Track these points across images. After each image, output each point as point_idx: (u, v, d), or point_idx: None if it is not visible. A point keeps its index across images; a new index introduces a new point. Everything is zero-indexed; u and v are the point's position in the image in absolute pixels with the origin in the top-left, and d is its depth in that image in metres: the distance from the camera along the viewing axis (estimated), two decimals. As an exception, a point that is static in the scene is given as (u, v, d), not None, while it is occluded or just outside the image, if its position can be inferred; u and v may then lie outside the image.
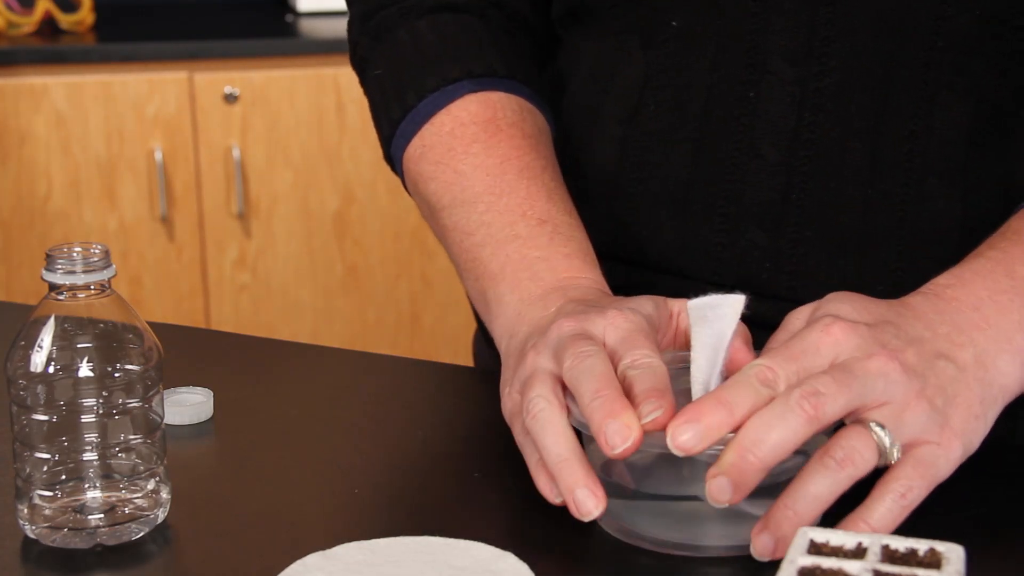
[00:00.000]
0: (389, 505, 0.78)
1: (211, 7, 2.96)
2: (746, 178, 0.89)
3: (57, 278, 0.71)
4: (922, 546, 0.63)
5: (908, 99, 0.87)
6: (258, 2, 3.00)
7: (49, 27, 2.68)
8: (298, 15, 2.81)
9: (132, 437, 0.73)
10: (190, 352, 1.00)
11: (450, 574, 0.67)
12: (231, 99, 2.53)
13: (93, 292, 0.72)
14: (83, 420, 0.72)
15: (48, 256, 0.71)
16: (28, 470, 0.73)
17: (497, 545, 0.70)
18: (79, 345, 0.71)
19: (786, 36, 0.87)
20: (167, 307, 2.59)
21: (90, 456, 0.73)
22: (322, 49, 2.55)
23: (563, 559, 0.71)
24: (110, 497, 0.73)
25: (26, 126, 2.49)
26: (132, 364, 0.72)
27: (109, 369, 0.72)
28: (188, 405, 0.88)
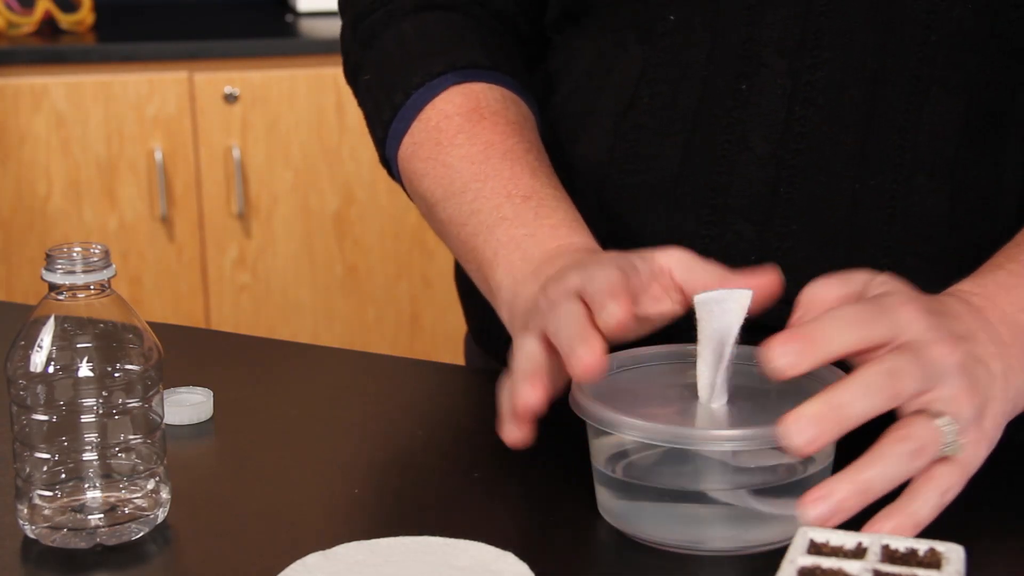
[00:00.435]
0: (389, 505, 0.78)
1: (211, 7, 2.96)
2: (735, 171, 0.89)
3: (57, 278, 0.71)
4: (922, 546, 0.63)
5: (900, 94, 0.87)
6: (258, 2, 3.00)
7: (49, 27, 2.68)
8: (298, 15, 2.81)
9: (132, 437, 0.73)
10: (190, 352, 1.00)
11: (450, 574, 0.67)
12: (231, 99, 2.53)
13: (93, 292, 0.72)
14: (83, 420, 0.72)
15: (48, 256, 0.71)
16: (28, 470, 0.73)
17: (497, 545, 0.70)
18: (79, 345, 0.71)
19: (779, 28, 0.88)
20: (167, 307, 2.59)
21: (90, 456, 0.73)
22: (322, 49, 2.55)
23: (563, 559, 0.71)
24: (110, 497, 0.73)
25: (26, 126, 2.49)
26: (132, 364, 0.72)
27: (109, 369, 0.72)
28: (188, 405, 0.88)
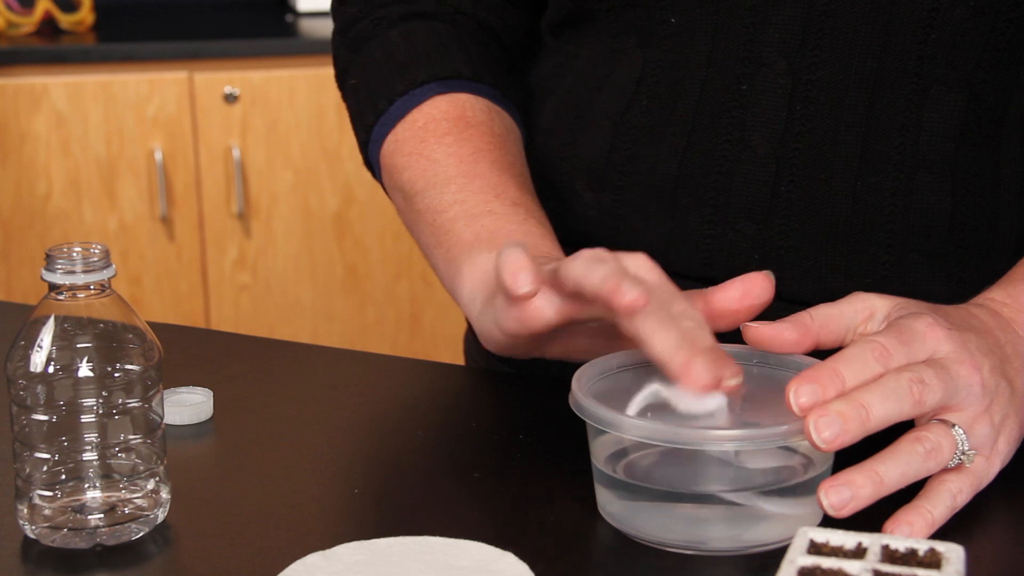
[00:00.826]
0: (389, 505, 0.78)
1: (211, 7, 2.96)
2: (736, 170, 0.90)
3: (57, 278, 0.71)
4: (922, 546, 0.63)
5: (900, 92, 0.87)
6: (258, 2, 3.00)
7: (49, 27, 2.68)
8: (298, 15, 2.81)
9: (132, 437, 0.73)
10: (190, 352, 1.00)
11: (450, 574, 0.67)
12: (231, 99, 2.53)
13: (93, 292, 0.72)
14: (83, 420, 0.72)
15: (48, 256, 0.71)
16: (28, 470, 0.73)
17: (497, 545, 0.70)
18: (79, 345, 0.71)
19: (781, 28, 0.88)
20: (167, 307, 2.59)
21: (90, 456, 0.73)
22: (322, 49, 2.55)
23: (563, 559, 0.71)
24: (110, 497, 0.73)
25: (26, 126, 2.49)
26: (132, 364, 0.72)
27: (109, 369, 0.72)
28: (188, 405, 0.88)
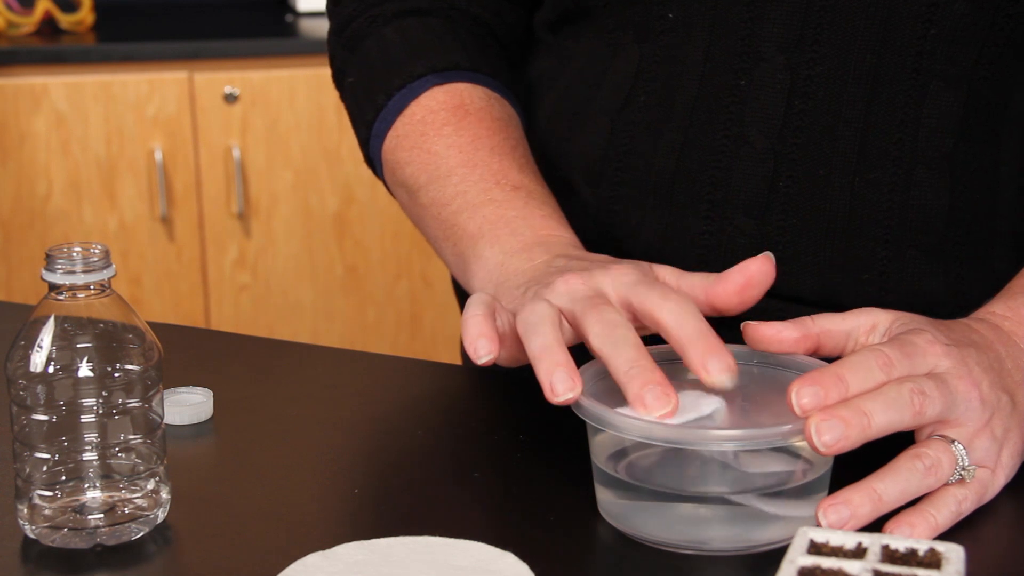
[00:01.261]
0: (389, 505, 0.78)
1: (211, 7, 2.96)
2: (733, 165, 0.90)
3: (57, 278, 0.71)
4: (922, 546, 0.63)
5: (899, 88, 0.87)
6: (258, 2, 3.00)
7: (49, 27, 2.68)
8: (298, 15, 2.81)
9: (132, 437, 0.73)
10: (190, 352, 1.00)
11: (450, 574, 0.67)
12: (231, 99, 2.53)
13: (93, 292, 0.72)
14: (83, 420, 0.72)
15: (48, 256, 0.71)
16: (28, 470, 0.73)
17: (497, 545, 0.70)
18: (79, 345, 0.71)
19: (780, 24, 0.88)
20: (167, 307, 2.59)
21: (90, 456, 0.73)
22: (322, 49, 2.54)
23: (563, 559, 0.71)
24: (110, 497, 0.73)
25: (26, 126, 2.49)
26: (132, 364, 0.72)
27: (109, 369, 0.72)
28: (188, 405, 0.88)
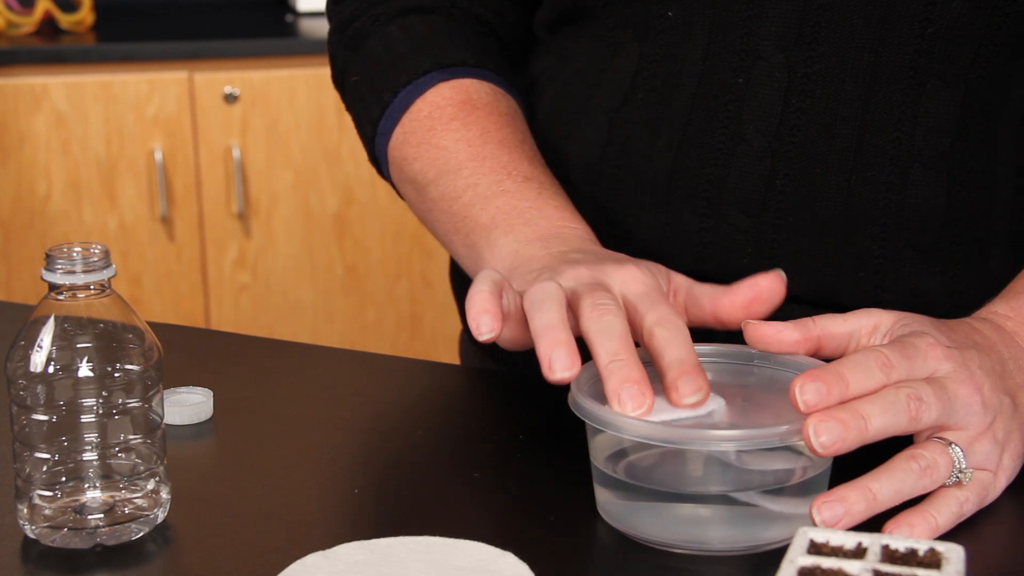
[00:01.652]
0: (389, 505, 0.78)
1: (211, 7, 2.96)
2: (730, 163, 0.90)
3: (57, 278, 0.71)
4: (922, 546, 0.63)
5: (896, 86, 0.87)
6: (258, 2, 3.00)
7: (49, 27, 2.68)
8: (298, 15, 2.81)
9: (132, 437, 0.73)
10: (190, 352, 1.00)
11: (450, 574, 0.67)
12: (231, 99, 2.53)
13: (93, 292, 0.72)
14: (83, 420, 0.72)
15: (48, 256, 0.71)
16: (28, 470, 0.73)
17: (497, 545, 0.70)
18: (79, 345, 0.71)
19: (778, 22, 0.88)
20: (167, 307, 2.59)
21: (90, 456, 0.73)
22: (322, 49, 2.54)
23: (563, 559, 0.71)
24: (110, 497, 0.73)
25: (26, 126, 2.49)
26: (132, 364, 0.72)
27: (109, 369, 0.72)
28: (188, 405, 0.88)
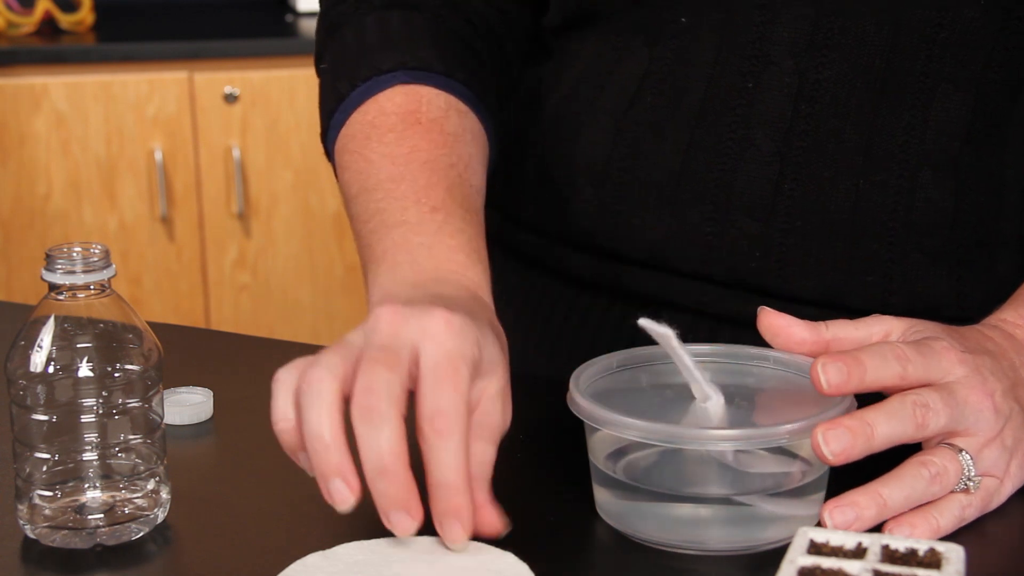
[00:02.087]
0: (389, 505, 0.78)
1: (211, 7, 2.96)
2: (739, 167, 0.89)
3: (57, 278, 0.71)
4: (922, 546, 0.63)
5: (907, 91, 0.87)
6: (258, 2, 3.00)
7: (49, 27, 2.68)
8: (298, 15, 2.81)
9: (132, 437, 0.73)
10: (190, 352, 1.00)
11: (450, 574, 0.67)
12: (231, 99, 2.53)
13: (93, 292, 0.72)
14: (83, 420, 0.72)
15: (48, 256, 0.71)
16: (28, 470, 0.73)
17: (497, 545, 0.70)
18: (79, 345, 0.71)
19: (790, 28, 0.88)
20: (167, 307, 2.59)
21: (90, 456, 0.73)
22: (322, 49, 2.55)
23: (563, 559, 0.71)
24: (110, 497, 0.73)
25: (26, 126, 2.49)
26: (132, 364, 0.72)
27: (109, 369, 0.72)
28: (188, 405, 0.88)
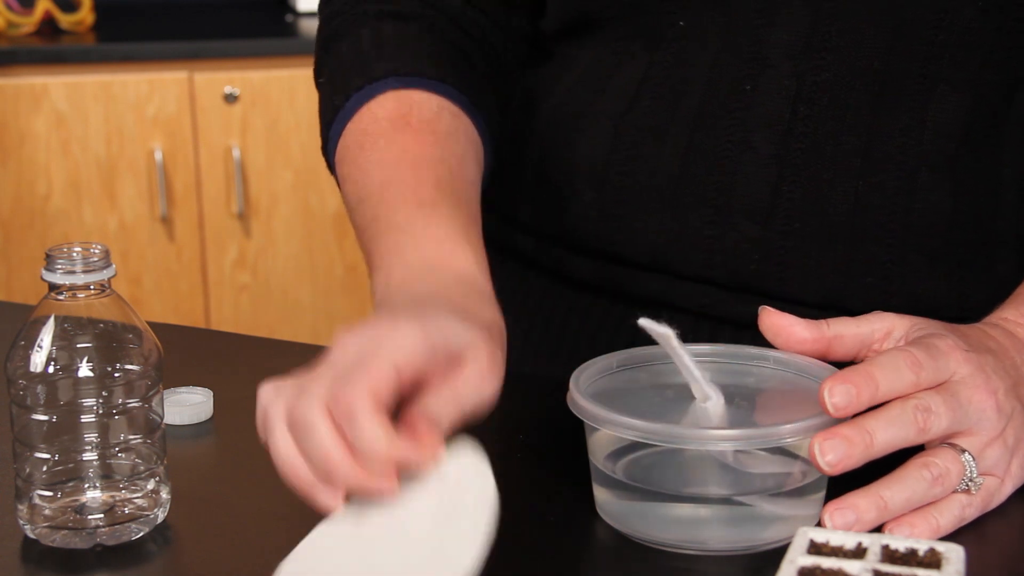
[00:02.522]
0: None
1: (211, 7, 2.96)
2: (738, 170, 0.89)
3: (57, 278, 0.71)
4: (922, 546, 0.63)
5: (905, 93, 0.87)
6: (258, 2, 3.00)
7: (49, 27, 2.68)
8: (298, 15, 2.81)
9: (132, 437, 0.73)
10: (190, 352, 1.00)
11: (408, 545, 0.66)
12: (231, 99, 2.53)
13: (93, 292, 0.72)
14: (83, 420, 0.72)
15: (48, 256, 0.71)
16: (28, 470, 0.73)
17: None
18: (79, 345, 0.71)
19: (788, 30, 0.88)
20: (167, 307, 2.59)
21: (90, 456, 0.73)
22: (322, 49, 2.55)
23: (563, 559, 0.71)
24: (110, 497, 0.73)
25: (26, 126, 2.49)
26: (132, 364, 0.72)
27: (109, 369, 0.72)
28: (188, 405, 0.88)
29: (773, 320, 0.76)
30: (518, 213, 1.01)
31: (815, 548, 0.63)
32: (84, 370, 0.71)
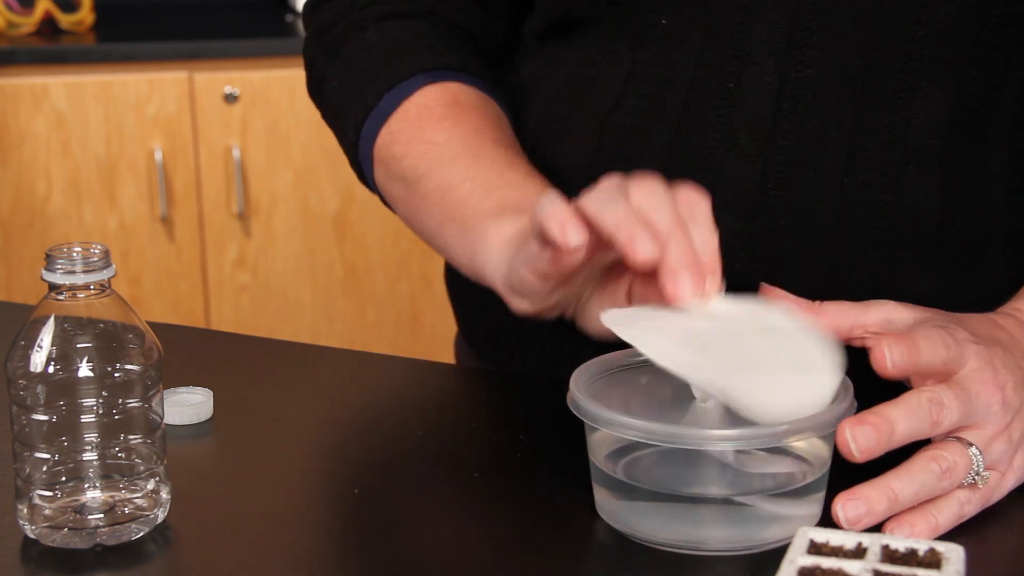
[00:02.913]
0: (389, 505, 0.78)
1: (211, 7, 2.96)
2: (723, 168, 0.89)
3: (57, 278, 0.71)
4: (922, 546, 0.63)
5: (888, 89, 0.87)
6: (258, 2, 3.00)
7: (49, 27, 2.68)
8: (298, 15, 2.81)
9: (132, 437, 0.73)
10: (190, 352, 1.00)
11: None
12: (231, 99, 2.53)
13: (93, 292, 0.72)
14: (83, 420, 0.72)
15: (48, 256, 0.71)
16: (28, 470, 0.73)
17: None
18: (79, 345, 0.71)
19: (770, 27, 0.88)
20: (167, 307, 2.59)
21: (90, 456, 0.73)
22: (322, 49, 2.55)
23: (563, 559, 0.71)
24: (110, 497, 0.73)
25: (26, 126, 2.49)
26: (132, 364, 0.72)
27: (109, 369, 0.72)
28: (188, 405, 0.88)
29: (771, 296, 0.78)
30: None
31: (815, 548, 0.63)
32: (84, 370, 0.71)
